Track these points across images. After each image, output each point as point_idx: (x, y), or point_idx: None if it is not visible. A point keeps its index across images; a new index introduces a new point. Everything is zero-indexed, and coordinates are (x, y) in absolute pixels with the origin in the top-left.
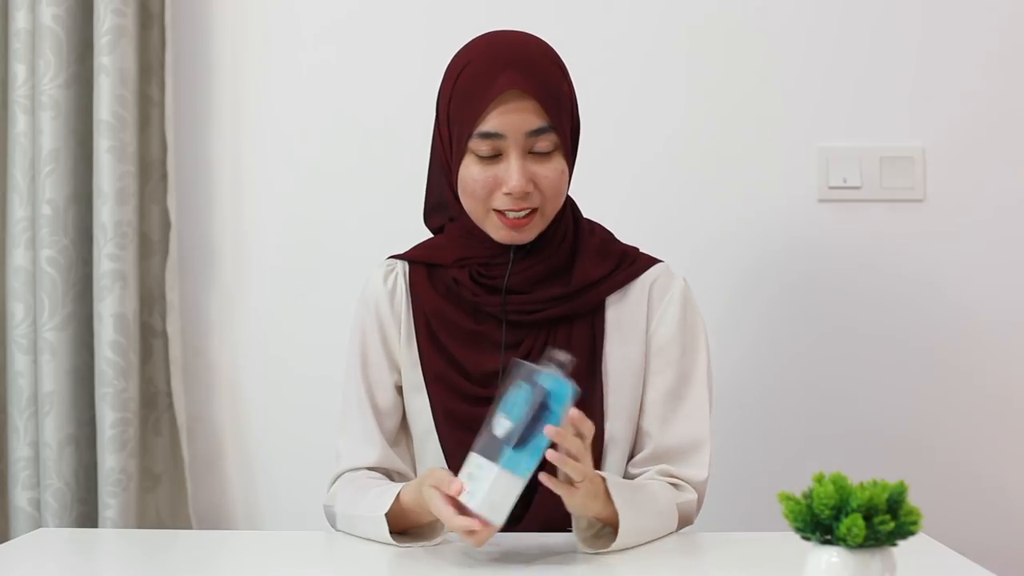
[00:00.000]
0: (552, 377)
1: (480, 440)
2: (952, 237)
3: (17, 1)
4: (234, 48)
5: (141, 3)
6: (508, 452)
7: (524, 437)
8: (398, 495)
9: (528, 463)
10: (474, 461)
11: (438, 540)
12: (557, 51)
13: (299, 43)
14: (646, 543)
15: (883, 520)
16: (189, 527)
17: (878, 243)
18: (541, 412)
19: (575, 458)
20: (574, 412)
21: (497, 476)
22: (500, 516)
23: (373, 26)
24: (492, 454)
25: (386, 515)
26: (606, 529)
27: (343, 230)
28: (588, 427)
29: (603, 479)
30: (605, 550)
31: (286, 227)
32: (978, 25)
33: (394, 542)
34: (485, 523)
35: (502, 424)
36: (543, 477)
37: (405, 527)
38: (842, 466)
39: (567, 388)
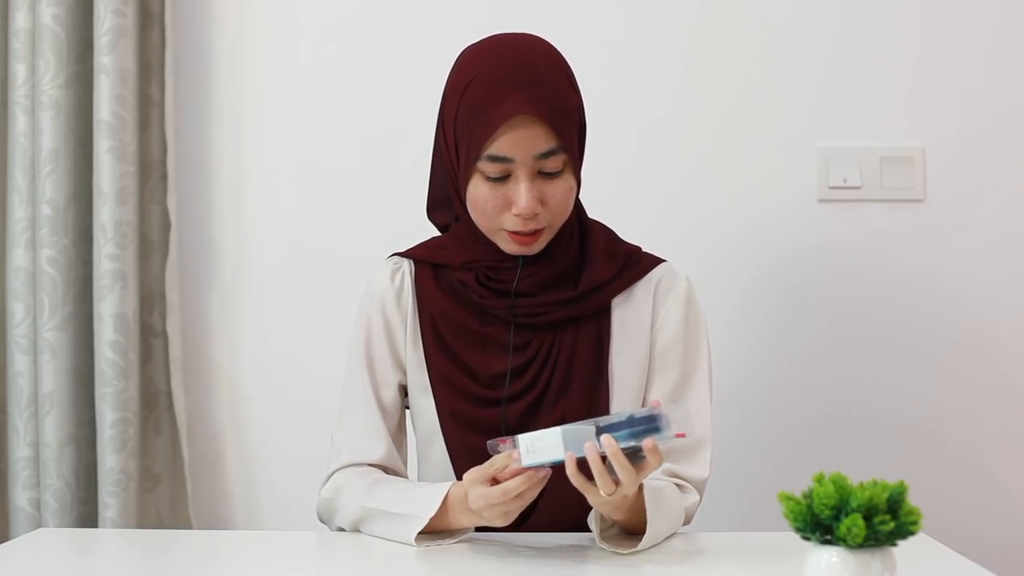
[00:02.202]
0: (667, 425)
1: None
2: (952, 237)
3: (17, 1)
4: (234, 48)
5: (141, 3)
6: (584, 430)
7: (604, 430)
8: (446, 497)
9: (578, 449)
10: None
11: (454, 540)
12: (559, 52)
13: (299, 43)
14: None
15: (883, 520)
16: (189, 527)
17: (878, 243)
18: (634, 427)
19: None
20: (650, 443)
21: (553, 432)
22: (529, 459)
23: (373, 25)
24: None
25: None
26: (615, 528)
27: (343, 230)
28: (658, 462)
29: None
30: (627, 551)
31: (286, 227)
32: (977, 25)
33: (414, 543)
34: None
35: (607, 417)
36: (570, 469)
37: (428, 529)
38: (842, 465)
39: (669, 435)
